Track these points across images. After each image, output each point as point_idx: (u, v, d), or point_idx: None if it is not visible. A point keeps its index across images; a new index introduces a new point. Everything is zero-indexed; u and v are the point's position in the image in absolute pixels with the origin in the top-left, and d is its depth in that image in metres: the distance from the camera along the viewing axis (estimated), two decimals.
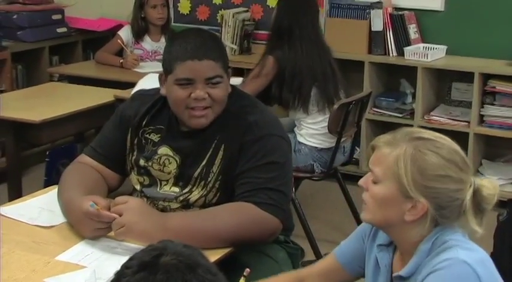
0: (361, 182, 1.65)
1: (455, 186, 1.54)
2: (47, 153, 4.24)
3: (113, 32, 5.02)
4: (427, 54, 4.44)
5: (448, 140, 1.60)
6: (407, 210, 1.55)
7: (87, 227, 1.92)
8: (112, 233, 1.90)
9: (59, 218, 2.07)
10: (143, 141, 2.16)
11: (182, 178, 2.09)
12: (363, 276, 1.80)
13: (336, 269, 1.81)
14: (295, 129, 3.66)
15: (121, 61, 4.44)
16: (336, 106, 3.42)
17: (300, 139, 3.62)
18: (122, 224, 1.86)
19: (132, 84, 3.75)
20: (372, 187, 1.60)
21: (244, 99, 2.15)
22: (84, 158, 2.23)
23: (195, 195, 2.07)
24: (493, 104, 4.31)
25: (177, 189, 2.10)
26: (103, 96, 3.75)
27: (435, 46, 4.55)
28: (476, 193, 1.55)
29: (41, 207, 2.16)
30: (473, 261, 1.50)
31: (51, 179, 3.84)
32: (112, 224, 1.87)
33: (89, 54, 5.43)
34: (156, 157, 2.12)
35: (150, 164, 2.13)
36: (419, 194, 1.53)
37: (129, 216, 1.86)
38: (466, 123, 4.37)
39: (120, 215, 1.87)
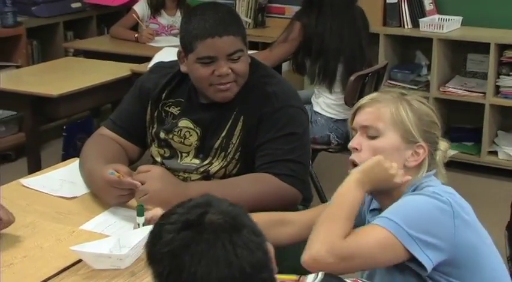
0: (353, 144, 1.68)
1: (439, 133, 1.69)
2: (64, 127, 4.28)
3: (127, 6, 5.03)
4: (442, 26, 4.41)
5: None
6: (409, 156, 1.64)
7: (110, 195, 1.95)
8: (134, 203, 1.93)
9: (80, 189, 2.11)
10: (163, 114, 2.17)
11: (203, 150, 2.11)
12: None
13: None
14: (313, 97, 3.66)
15: (136, 35, 4.44)
16: (352, 78, 3.42)
17: (317, 109, 3.62)
18: (145, 192, 1.88)
19: (148, 59, 3.76)
20: (371, 143, 1.65)
21: (262, 70, 2.15)
22: (104, 131, 2.25)
23: (216, 166, 2.09)
24: (509, 75, 4.29)
25: (197, 161, 2.12)
26: (119, 70, 3.76)
27: (450, 17, 4.52)
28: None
29: (62, 179, 2.19)
30: (443, 192, 1.57)
31: (69, 154, 3.88)
32: (135, 191, 1.90)
33: (103, 29, 5.44)
34: (176, 130, 2.14)
35: (170, 136, 2.15)
36: (420, 138, 1.64)
37: (152, 184, 1.88)
38: (482, 95, 4.36)
39: (143, 183, 1.89)
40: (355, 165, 1.66)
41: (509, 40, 4.27)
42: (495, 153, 4.40)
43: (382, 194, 1.66)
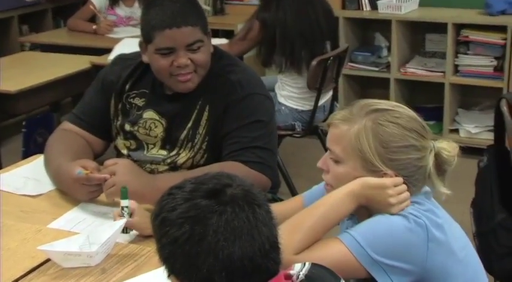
0: (319, 164, 1.59)
1: (419, 155, 1.51)
2: (24, 123, 4.20)
3: None
4: (400, 7, 4.44)
5: (404, 108, 1.57)
6: None
7: (80, 192, 1.93)
8: (104, 198, 1.91)
9: (45, 186, 2.07)
10: (127, 106, 2.15)
11: (169, 141, 2.09)
12: None
13: None
14: (277, 88, 3.65)
15: (94, 27, 4.38)
16: (314, 62, 3.42)
17: (281, 99, 3.61)
18: (113, 184, 1.86)
19: (107, 50, 3.71)
20: (333, 168, 1.55)
21: (225, 58, 2.14)
22: (67, 125, 2.21)
23: (183, 157, 2.07)
24: (466, 54, 4.34)
25: (164, 152, 2.10)
26: (79, 63, 3.71)
27: None
28: (437, 156, 1.53)
29: (25, 176, 2.15)
30: (422, 212, 1.49)
31: (30, 150, 3.81)
32: (103, 184, 1.87)
33: (59, 22, 5.34)
34: (141, 121, 2.11)
35: (136, 128, 2.12)
36: (385, 167, 1.50)
37: (120, 176, 1.86)
38: (442, 74, 4.41)
39: (111, 176, 1.87)
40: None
41: (466, 19, 4.32)
42: (456, 131, 4.46)
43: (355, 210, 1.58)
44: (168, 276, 1.14)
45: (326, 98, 3.69)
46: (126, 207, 1.73)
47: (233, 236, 1.07)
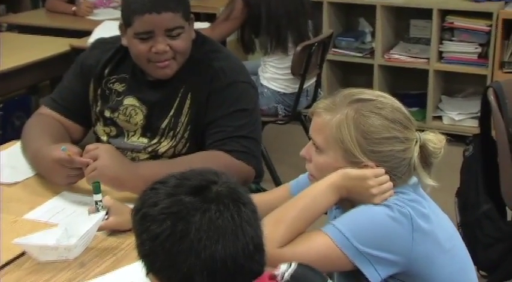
0: (302, 152, 1.56)
1: (402, 146, 1.48)
2: (0, 106, 4.11)
3: None
4: None
5: (389, 98, 1.53)
6: None
7: (60, 175, 1.86)
8: (84, 186, 1.85)
9: (21, 174, 2.00)
10: (107, 91, 2.09)
11: (150, 129, 2.04)
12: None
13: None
14: (260, 70, 3.61)
15: (74, 9, 4.28)
16: (298, 48, 3.37)
17: (263, 82, 3.57)
18: (94, 168, 1.80)
19: (87, 33, 3.63)
20: (315, 157, 1.53)
21: (208, 44, 2.08)
22: (45, 110, 2.15)
23: (164, 146, 2.02)
24: (451, 40, 4.31)
25: (145, 140, 2.05)
26: (58, 45, 3.61)
27: None
28: (423, 148, 1.51)
29: (1, 163, 2.08)
30: (406, 202, 1.47)
31: (6, 133, 3.74)
32: (84, 169, 1.82)
33: (37, 2, 5.22)
34: (121, 108, 2.06)
35: (116, 115, 2.06)
36: (366, 158, 1.47)
37: (102, 161, 1.80)
38: (426, 60, 4.38)
39: (94, 160, 1.81)
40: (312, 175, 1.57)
41: (451, 5, 4.28)
42: (440, 118, 4.44)
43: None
44: (147, 274, 1.10)
45: (310, 82, 3.64)
46: (100, 201, 1.67)
47: (217, 235, 1.03)
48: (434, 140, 1.52)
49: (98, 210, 1.66)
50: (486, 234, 2.59)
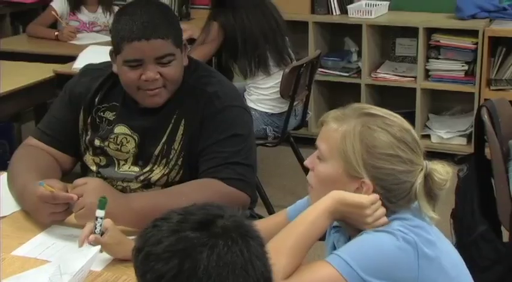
0: (307, 162, 1.55)
1: (404, 168, 1.45)
2: None
3: (42, 4, 4.77)
4: (370, 11, 4.40)
5: (399, 118, 1.51)
6: (353, 191, 1.46)
7: (43, 212, 1.78)
8: (74, 220, 1.78)
9: (9, 208, 1.93)
10: (97, 120, 2.03)
11: (142, 157, 1.98)
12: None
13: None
14: (245, 94, 3.59)
15: (56, 33, 4.23)
16: (287, 70, 3.35)
17: (250, 104, 3.54)
18: (82, 206, 1.73)
19: (71, 58, 3.57)
20: (317, 166, 1.52)
21: (201, 69, 2.04)
22: (32, 141, 2.09)
23: (157, 174, 1.96)
24: (437, 58, 4.31)
25: (136, 169, 1.99)
26: (41, 72, 3.53)
27: (378, 2, 4.52)
28: (428, 177, 1.46)
29: None
30: (410, 228, 1.43)
31: None
32: (72, 206, 1.75)
33: (17, 27, 5.16)
34: (112, 136, 2.00)
35: (106, 143, 2.01)
36: (365, 174, 1.45)
37: (90, 197, 1.73)
38: (413, 79, 4.37)
39: (80, 197, 1.74)
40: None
41: (437, 23, 4.29)
42: (428, 136, 4.43)
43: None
44: None
45: (297, 101, 3.61)
46: (101, 218, 1.61)
47: (226, 272, 0.99)
48: (441, 170, 1.47)
49: (95, 228, 1.61)
50: (483, 256, 2.56)
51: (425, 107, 4.45)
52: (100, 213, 1.62)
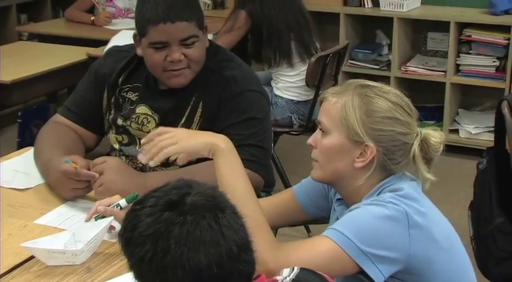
0: (309, 140, 1.60)
1: (402, 129, 1.53)
2: (19, 114, 4.15)
3: None
4: (402, 4, 4.39)
5: (392, 88, 1.61)
6: (357, 157, 1.53)
7: (66, 187, 1.87)
8: (93, 195, 1.86)
9: (34, 180, 2.02)
10: (120, 99, 2.11)
11: None
12: (320, 218, 1.77)
13: (292, 205, 1.75)
14: (272, 82, 3.63)
15: (92, 18, 4.33)
16: (313, 59, 3.38)
17: (277, 92, 3.59)
18: (100, 183, 1.82)
19: (104, 42, 3.66)
20: (320, 141, 1.57)
21: (221, 54, 2.10)
22: (59, 118, 2.17)
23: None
24: (469, 53, 4.29)
25: None
26: (75, 54, 3.67)
27: None
28: (424, 142, 1.55)
29: (15, 169, 2.11)
30: (401, 198, 1.49)
31: (24, 141, 3.77)
32: (92, 183, 1.83)
33: (58, 12, 5.30)
34: (134, 116, 2.07)
35: (128, 123, 2.08)
36: (367, 137, 1.51)
37: (109, 175, 1.82)
38: (443, 73, 4.36)
39: (100, 175, 1.83)
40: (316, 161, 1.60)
41: (469, 18, 4.27)
42: (456, 131, 4.42)
43: (337, 187, 1.61)
44: None
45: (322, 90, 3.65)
46: (120, 206, 1.68)
47: (197, 246, 1.04)
48: (435, 134, 1.57)
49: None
50: (499, 248, 2.57)
51: (454, 101, 4.44)
52: (123, 203, 1.68)
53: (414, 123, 1.56)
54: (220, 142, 1.62)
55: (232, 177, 1.59)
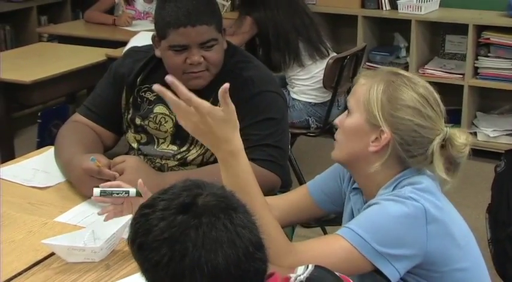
0: (336, 120, 1.62)
1: (422, 122, 1.50)
2: (39, 114, 4.20)
3: None
4: (420, 7, 4.39)
5: (425, 82, 1.57)
6: (372, 141, 1.52)
7: (87, 185, 1.89)
8: None
9: (54, 179, 2.05)
10: (139, 99, 2.13)
11: (179, 137, 2.07)
12: (335, 213, 1.77)
13: (306, 201, 1.75)
14: (288, 87, 3.65)
15: (114, 19, 4.37)
16: (330, 61, 3.39)
17: (293, 96, 3.60)
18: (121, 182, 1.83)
19: (123, 43, 3.70)
20: (343, 122, 1.58)
21: (239, 55, 2.11)
22: (78, 118, 2.20)
23: (193, 153, 2.05)
24: (487, 56, 4.28)
25: (174, 148, 2.08)
26: (94, 55, 3.70)
27: None
28: (448, 141, 1.52)
29: (35, 168, 2.14)
30: (420, 193, 1.47)
31: (44, 141, 3.81)
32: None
33: (78, 13, 5.35)
34: (152, 116, 2.09)
35: (146, 122, 2.10)
36: (384, 122, 1.50)
37: (128, 175, 1.84)
38: (461, 76, 4.35)
39: (121, 174, 1.85)
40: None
41: (487, 21, 4.25)
42: (474, 134, 4.39)
43: (353, 170, 1.60)
44: None
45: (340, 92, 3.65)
46: (127, 193, 1.68)
47: (214, 248, 1.04)
48: (461, 135, 1.53)
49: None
50: None
51: (472, 104, 4.43)
52: (132, 192, 1.69)
53: (439, 120, 1.53)
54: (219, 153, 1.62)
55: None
